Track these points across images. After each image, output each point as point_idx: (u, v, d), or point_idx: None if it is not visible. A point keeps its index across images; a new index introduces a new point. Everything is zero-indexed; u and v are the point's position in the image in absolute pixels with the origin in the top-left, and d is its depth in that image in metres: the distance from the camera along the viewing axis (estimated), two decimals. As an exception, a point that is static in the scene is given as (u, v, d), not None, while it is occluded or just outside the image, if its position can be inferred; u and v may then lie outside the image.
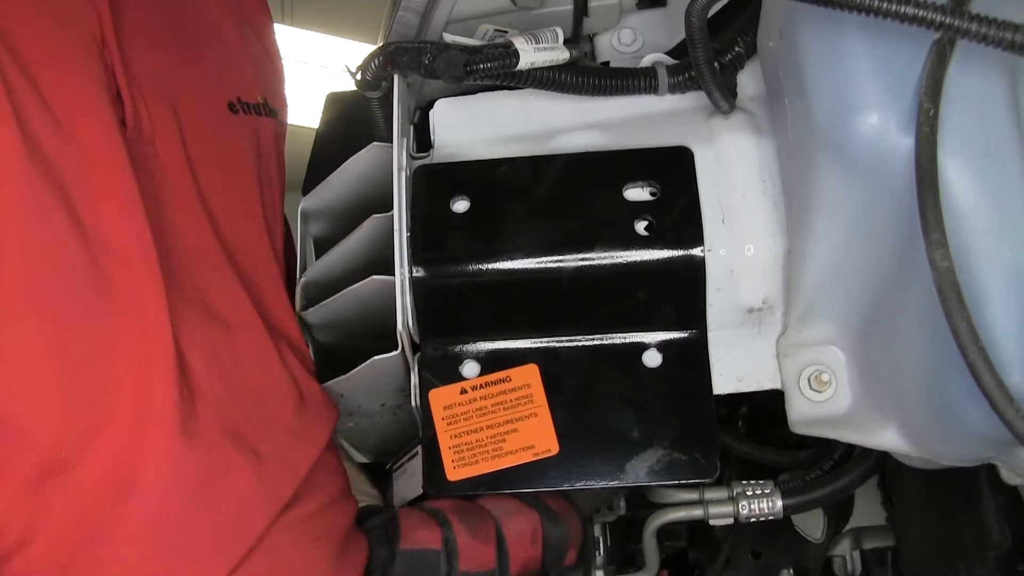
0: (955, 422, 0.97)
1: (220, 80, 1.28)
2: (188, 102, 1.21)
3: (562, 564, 1.21)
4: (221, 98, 1.27)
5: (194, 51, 1.26)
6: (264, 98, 1.33)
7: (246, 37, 1.39)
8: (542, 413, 1.13)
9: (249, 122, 1.29)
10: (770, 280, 1.14)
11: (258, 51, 1.41)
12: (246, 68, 1.35)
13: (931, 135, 0.89)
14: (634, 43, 1.32)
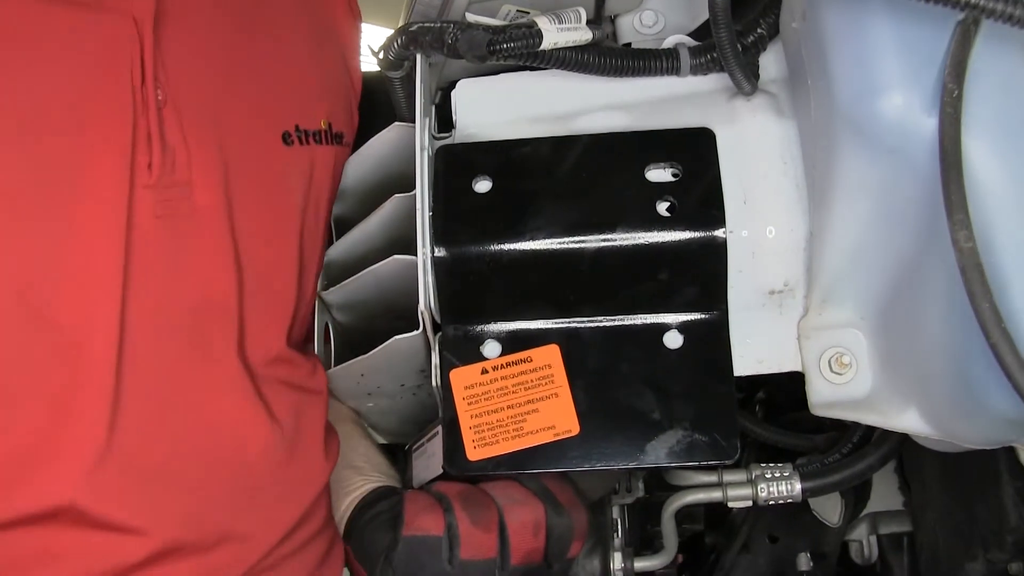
0: (977, 403, 0.97)
1: (277, 107, 1.28)
2: (236, 135, 1.21)
3: (565, 556, 1.21)
4: (275, 128, 1.26)
5: (252, 73, 1.26)
6: (329, 122, 1.33)
7: (323, 45, 1.38)
8: (563, 393, 1.14)
9: (304, 153, 1.28)
10: (791, 262, 1.14)
11: (334, 62, 1.41)
12: (313, 87, 1.34)
13: (955, 116, 0.89)
14: (656, 24, 1.32)
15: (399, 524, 1.15)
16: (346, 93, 1.41)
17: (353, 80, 1.44)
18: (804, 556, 1.57)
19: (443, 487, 1.19)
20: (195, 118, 1.17)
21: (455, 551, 1.13)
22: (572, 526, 1.18)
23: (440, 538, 1.13)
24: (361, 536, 1.21)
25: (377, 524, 1.19)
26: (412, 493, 1.19)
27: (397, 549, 1.14)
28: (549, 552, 1.17)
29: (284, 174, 1.26)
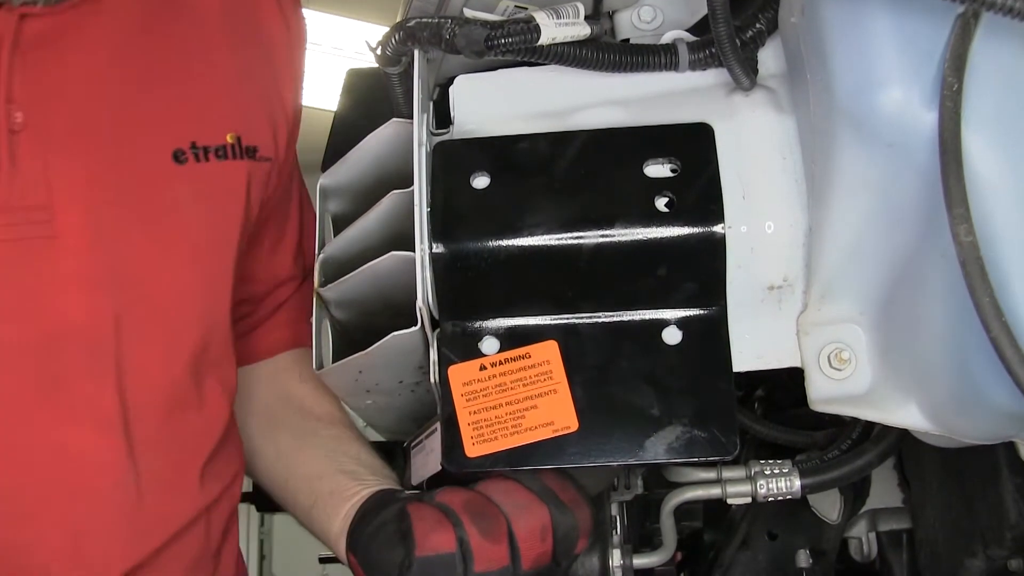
0: (977, 398, 0.97)
1: (169, 125, 1.28)
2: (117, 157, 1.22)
3: (572, 555, 1.20)
4: (165, 147, 1.27)
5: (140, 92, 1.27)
6: (237, 136, 1.33)
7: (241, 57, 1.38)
8: (561, 390, 1.13)
9: (200, 171, 1.29)
10: (790, 257, 1.14)
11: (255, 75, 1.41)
12: (219, 102, 1.34)
13: (955, 110, 0.89)
14: (654, 20, 1.31)
15: (411, 543, 1.14)
16: (268, 107, 1.41)
17: (284, 99, 1.44)
18: (803, 553, 1.57)
19: (447, 498, 1.18)
20: (64, 141, 1.18)
21: (469, 565, 1.13)
22: (576, 524, 1.17)
23: (453, 555, 1.13)
24: (368, 550, 1.20)
25: (385, 539, 1.18)
26: (417, 507, 1.18)
27: (412, 569, 1.13)
28: (557, 552, 1.17)
29: (177, 193, 1.27)
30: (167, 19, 1.31)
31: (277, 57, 1.45)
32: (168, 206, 1.26)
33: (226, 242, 1.34)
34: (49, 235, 1.17)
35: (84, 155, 1.20)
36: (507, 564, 1.15)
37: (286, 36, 1.47)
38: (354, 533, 1.25)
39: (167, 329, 1.27)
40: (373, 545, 1.20)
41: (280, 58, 1.45)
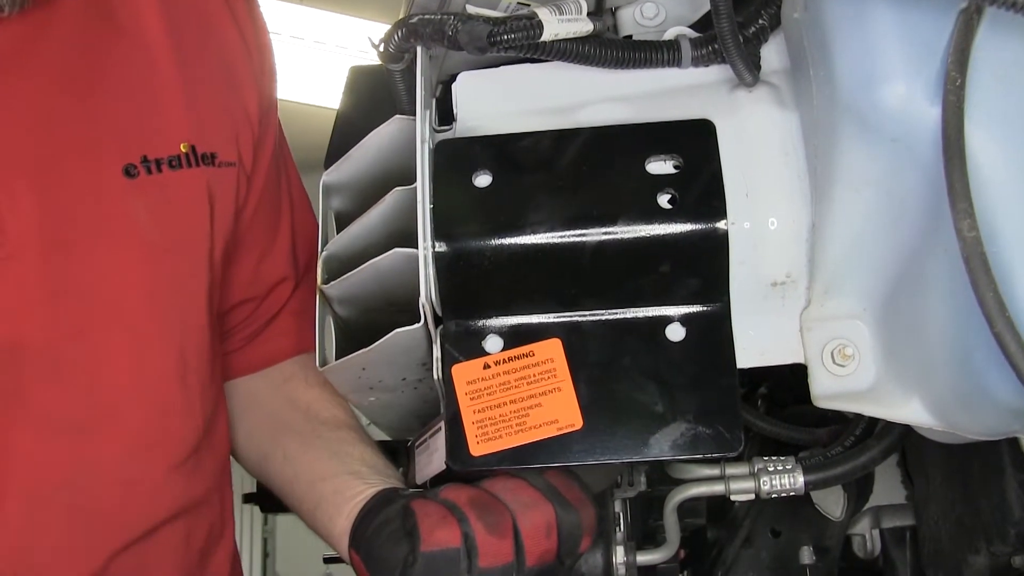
0: (981, 393, 0.97)
1: (117, 141, 1.29)
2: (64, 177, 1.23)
3: (576, 553, 1.20)
4: (114, 162, 1.28)
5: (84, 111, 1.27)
6: (191, 145, 1.34)
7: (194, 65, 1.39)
8: (565, 387, 1.13)
9: (154, 183, 1.30)
10: (794, 253, 1.14)
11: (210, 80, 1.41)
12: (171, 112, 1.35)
13: (958, 104, 0.89)
14: (657, 16, 1.31)
15: (416, 539, 1.14)
16: (227, 113, 1.42)
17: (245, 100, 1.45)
18: (807, 550, 1.57)
19: (451, 494, 1.18)
20: (12, 164, 1.20)
21: (473, 560, 1.13)
22: (581, 522, 1.17)
23: (458, 549, 1.13)
24: (371, 547, 1.21)
25: (389, 536, 1.18)
26: (421, 503, 1.19)
27: (416, 564, 1.13)
28: (561, 550, 1.17)
29: (131, 207, 1.28)
30: (108, 40, 1.31)
31: (234, 64, 1.45)
32: (122, 219, 1.28)
33: (191, 248, 1.36)
34: (3, 256, 1.19)
35: (34, 176, 1.22)
36: (511, 560, 1.15)
37: (241, 43, 1.47)
38: (357, 530, 1.25)
39: (135, 336, 1.30)
40: (377, 541, 1.20)
41: (238, 65, 1.45)
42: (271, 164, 1.51)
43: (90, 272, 1.25)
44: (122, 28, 1.33)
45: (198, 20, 1.43)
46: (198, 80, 1.39)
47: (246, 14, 1.50)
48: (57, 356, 1.23)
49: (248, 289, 1.54)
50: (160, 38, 1.36)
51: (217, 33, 1.45)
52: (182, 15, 1.40)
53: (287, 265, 1.57)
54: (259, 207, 1.50)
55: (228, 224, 1.42)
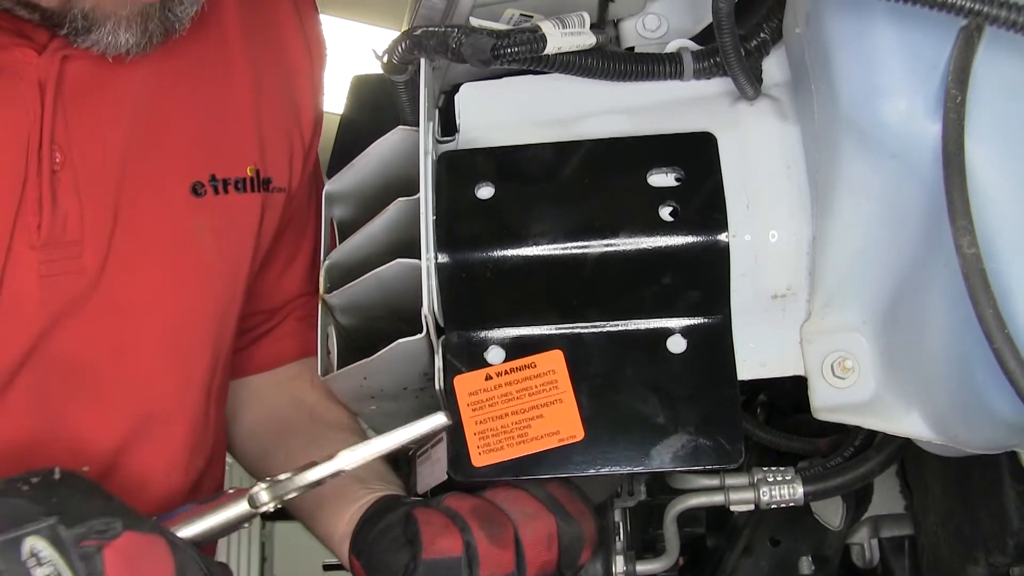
0: (980, 408, 0.97)
1: (188, 158, 1.31)
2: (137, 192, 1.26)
3: (576, 565, 1.21)
4: (184, 180, 1.31)
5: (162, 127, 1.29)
6: (256, 169, 1.36)
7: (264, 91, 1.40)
8: (567, 399, 1.14)
9: (218, 204, 1.32)
10: (794, 266, 1.14)
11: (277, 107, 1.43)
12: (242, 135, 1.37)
13: (958, 121, 0.89)
14: (659, 29, 1.32)
15: (417, 547, 1.14)
16: (287, 138, 1.44)
17: (302, 125, 1.46)
18: (806, 559, 1.57)
19: (454, 503, 1.18)
20: (93, 179, 1.22)
21: (475, 570, 1.13)
22: (582, 535, 1.18)
23: (459, 559, 1.13)
24: (372, 553, 1.21)
25: (390, 543, 1.18)
26: (424, 511, 1.19)
27: (418, 572, 1.13)
28: (562, 562, 1.17)
29: (194, 226, 1.30)
30: (193, 50, 1.33)
31: (297, 79, 1.46)
32: (185, 238, 1.30)
33: (238, 271, 1.38)
34: (79, 270, 1.21)
35: (110, 192, 1.24)
36: (512, 570, 1.15)
37: (307, 57, 1.49)
38: (358, 536, 1.25)
39: (178, 356, 1.31)
40: (378, 548, 1.21)
41: (300, 80, 1.47)
42: (309, 180, 1.53)
43: (147, 292, 1.27)
44: (206, 31, 1.34)
45: (271, 31, 1.44)
46: (267, 99, 1.41)
47: (313, 25, 1.51)
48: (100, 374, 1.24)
49: (266, 300, 1.56)
50: (239, 49, 1.38)
51: (286, 46, 1.46)
52: (258, 25, 1.42)
53: (305, 281, 1.59)
54: (291, 223, 1.52)
55: (266, 247, 1.44)
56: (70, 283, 1.21)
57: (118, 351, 1.26)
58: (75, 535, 0.93)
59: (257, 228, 1.39)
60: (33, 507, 0.94)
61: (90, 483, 1.04)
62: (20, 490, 0.97)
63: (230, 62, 1.37)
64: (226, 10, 1.38)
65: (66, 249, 1.20)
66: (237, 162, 1.35)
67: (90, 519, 0.95)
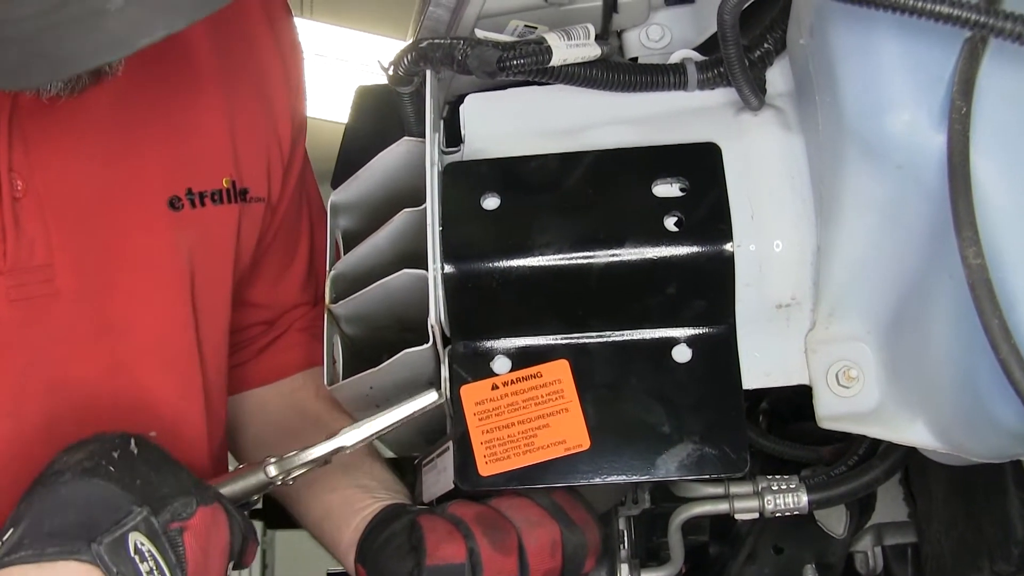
0: (985, 418, 0.97)
1: (163, 174, 1.31)
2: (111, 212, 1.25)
3: (580, 573, 1.21)
4: (160, 195, 1.30)
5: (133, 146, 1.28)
6: (232, 180, 1.36)
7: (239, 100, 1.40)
8: (573, 408, 1.14)
9: (196, 217, 1.32)
10: (799, 276, 1.15)
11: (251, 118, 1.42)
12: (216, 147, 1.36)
13: (963, 132, 0.90)
14: (662, 39, 1.32)
15: (421, 553, 1.15)
16: (263, 148, 1.43)
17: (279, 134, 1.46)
18: (810, 567, 1.57)
19: (459, 510, 1.19)
20: (60, 203, 1.22)
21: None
22: (586, 543, 1.18)
23: (463, 565, 1.14)
24: (377, 561, 1.21)
25: (394, 550, 1.19)
26: (428, 519, 1.19)
27: None
28: (565, 570, 1.18)
29: (174, 240, 1.30)
30: (159, 67, 1.31)
31: (272, 87, 1.45)
32: (166, 252, 1.30)
33: (220, 281, 1.38)
34: (51, 293, 1.21)
35: (79, 213, 1.23)
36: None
37: (280, 66, 1.47)
38: (364, 544, 1.26)
39: (174, 371, 1.32)
40: (383, 555, 1.21)
41: (275, 88, 1.46)
42: (295, 189, 1.52)
43: (134, 308, 1.27)
44: (172, 54, 1.33)
45: (242, 42, 1.43)
46: (240, 109, 1.40)
47: (287, 34, 1.51)
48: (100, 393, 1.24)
49: (262, 312, 1.56)
50: (208, 61, 1.37)
51: (258, 55, 1.45)
52: (227, 36, 1.41)
53: (301, 290, 1.59)
54: (279, 232, 1.51)
55: (247, 258, 1.44)
56: (43, 306, 1.21)
57: (114, 371, 1.26)
58: (163, 523, 0.96)
59: (235, 239, 1.38)
60: (124, 494, 0.96)
61: (161, 453, 1.06)
62: (108, 470, 0.99)
63: (198, 76, 1.36)
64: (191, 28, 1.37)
65: (34, 273, 1.20)
66: (212, 174, 1.34)
67: (169, 500, 0.98)
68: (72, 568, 0.90)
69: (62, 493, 0.97)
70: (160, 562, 0.93)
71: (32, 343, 1.21)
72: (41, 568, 0.90)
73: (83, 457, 1.01)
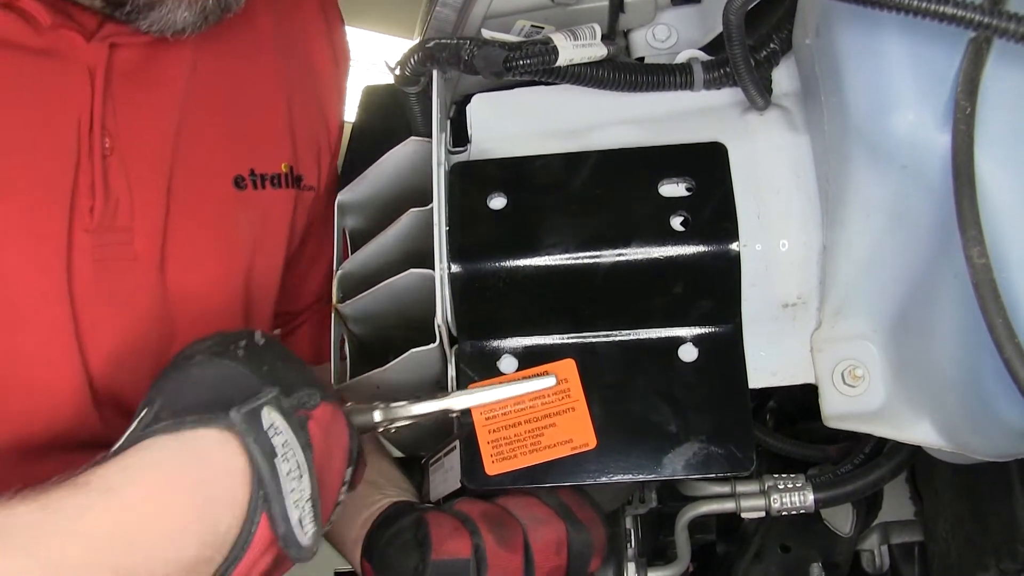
0: (989, 417, 0.97)
1: (232, 151, 1.32)
2: (186, 181, 1.26)
3: (586, 572, 1.21)
4: (228, 172, 1.32)
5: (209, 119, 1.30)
6: (290, 166, 1.38)
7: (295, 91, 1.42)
8: (580, 408, 1.14)
9: (257, 198, 1.34)
10: (804, 275, 1.15)
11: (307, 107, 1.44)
12: (276, 132, 1.38)
13: (967, 132, 0.90)
14: (669, 39, 1.32)
15: (427, 548, 1.15)
16: (315, 137, 1.45)
17: (329, 126, 1.48)
18: (816, 566, 1.57)
19: (465, 507, 1.19)
20: (142, 166, 1.22)
21: (483, 573, 1.14)
22: (592, 542, 1.18)
23: (468, 560, 1.14)
24: (383, 556, 1.22)
25: (400, 545, 1.19)
26: (435, 515, 1.20)
27: (426, 573, 1.14)
28: (571, 569, 1.18)
29: (235, 218, 1.31)
30: (231, 48, 1.34)
31: (323, 84, 1.47)
32: (228, 230, 1.30)
33: (274, 267, 1.39)
34: (130, 256, 1.21)
35: (160, 180, 1.24)
36: (521, 574, 1.16)
37: (334, 64, 1.50)
38: (370, 540, 1.26)
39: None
40: (389, 550, 1.21)
41: (327, 85, 1.48)
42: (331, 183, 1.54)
43: (193, 281, 1.28)
44: (242, 36, 1.36)
45: (300, 35, 1.45)
46: (297, 98, 1.42)
47: (340, 34, 1.53)
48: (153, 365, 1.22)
49: (290, 303, 1.57)
50: (272, 50, 1.39)
51: (313, 50, 1.48)
52: (288, 29, 1.43)
53: (323, 285, 1.59)
54: (313, 225, 1.52)
55: (296, 244, 1.45)
56: (121, 270, 1.21)
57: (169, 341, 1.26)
58: (291, 405, 0.95)
59: (290, 224, 1.40)
60: (253, 375, 0.97)
61: (284, 349, 1.06)
62: (236, 354, 0.99)
63: (263, 60, 1.39)
64: (258, 12, 1.39)
65: (117, 234, 1.20)
66: (273, 158, 1.36)
67: (295, 389, 0.98)
68: (211, 436, 0.90)
69: (194, 373, 0.97)
70: (292, 439, 0.93)
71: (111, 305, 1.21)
72: (179, 437, 0.90)
73: (211, 344, 1.00)
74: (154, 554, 0.85)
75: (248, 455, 0.90)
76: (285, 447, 0.92)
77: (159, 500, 0.87)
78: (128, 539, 0.84)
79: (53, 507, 0.83)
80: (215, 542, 0.88)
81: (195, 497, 0.88)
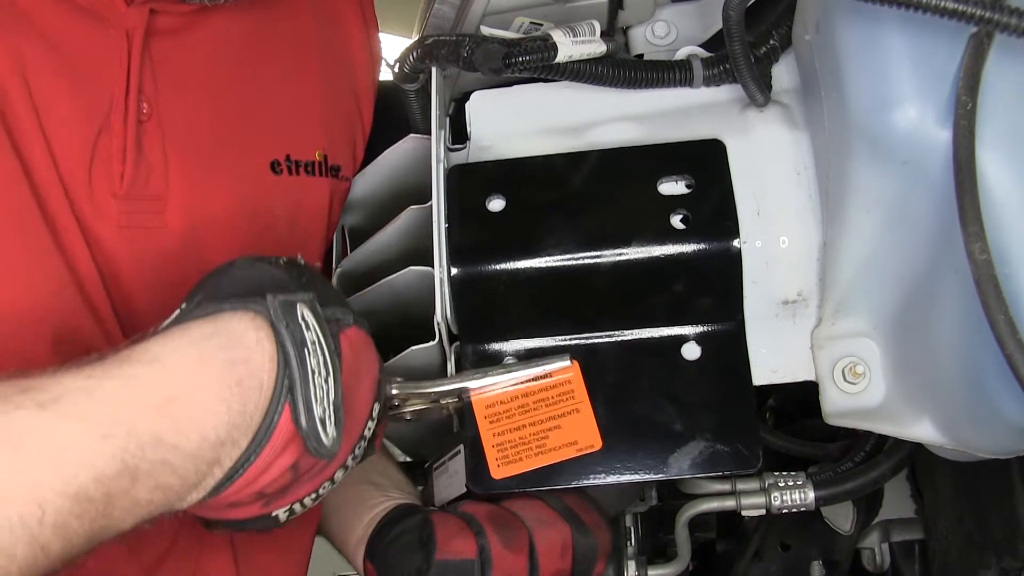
0: (991, 414, 0.97)
1: (270, 135, 1.30)
2: (223, 159, 1.24)
3: (590, 575, 1.21)
4: (265, 156, 1.29)
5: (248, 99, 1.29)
6: (324, 154, 1.35)
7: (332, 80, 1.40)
8: (584, 409, 1.14)
9: (293, 184, 1.31)
10: (805, 272, 1.15)
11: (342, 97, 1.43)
12: (312, 119, 1.36)
13: (969, 128, 0.89)
14: (668, 36, 1.32)
15: (431, 546, 1.15)
16: (350, 129, 1.43)
17: (363, 118, 1.45)
18: (816, 564, 1.57)
19: (470, 508, 1.19)
20: (181, 135, 1.20)
21: (487, 573, 1.14)
22: (596, 546, 1.18)
23: (473, 561, 1.14)
24: (386, 556, 1.21)
25: (404, 545, 1.19)
26: (441, 515, 1.19)
27: (430, 573, 1.14)
28: (575, 572, 1.18)
29: (269, 203, 1.29)
30: (272, 29, 1.33)
31: (359, 77, 1.46)
32: (261, 213, 1.28)
33: (309, 254, 1.35)
34: (161, 226, 1.18)
35: (195, 153, 1.21)
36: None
37: (368, 56, 1.47)
38: (374, 541, 1.26)
39: None
40: (393, 550, 1.21)
41: (361, 78, 1.46)
42: None
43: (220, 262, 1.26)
44: (283, 20, 1.35)
45: (337, 28, 1.44)
46: (333, 88, 1.40)
47: (376, 35, 1.51)
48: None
49: None
50: (312, 36, 1.38)
51: (350, 38, 1.46)
52: (326, 19, 1.42)
53: None
54: None
55: (331, 235, 1.43)
56: (151, 238, 1.18)
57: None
58: (325, 316, 0.95)
59: (327, 215, 1.37)
60: (291, 281, 0.97)
61: (320, 274, 1.06)
62: (277, 262, 1.00)
63: (301, 47, 1.37)
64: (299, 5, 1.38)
65: (148, 203, 1.18)
66: (308, 145, 1.34)
67: (331, 303, 0.98)
68: (246, 319, 0.90)
69: (236, 273, 0.98)
70: (322, 340, 0.93)
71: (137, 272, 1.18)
72: (217, 319, 0.90)
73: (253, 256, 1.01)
74: (190, 427, 0.85)
75: (278, 340, 0.90)
76: (314, 344, 0.92)
77: (199, 374, 0.87)
78: (169, 409, 0.84)
79: (99, 375, 0.83)
80: (242, 423, 0.88)
81: (229, 376, 0.88)
